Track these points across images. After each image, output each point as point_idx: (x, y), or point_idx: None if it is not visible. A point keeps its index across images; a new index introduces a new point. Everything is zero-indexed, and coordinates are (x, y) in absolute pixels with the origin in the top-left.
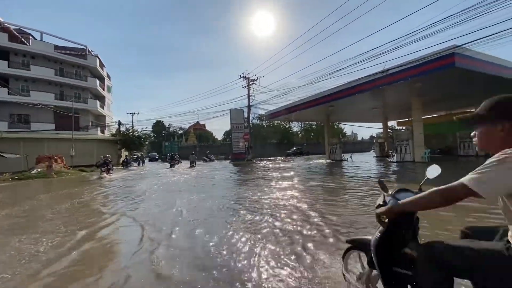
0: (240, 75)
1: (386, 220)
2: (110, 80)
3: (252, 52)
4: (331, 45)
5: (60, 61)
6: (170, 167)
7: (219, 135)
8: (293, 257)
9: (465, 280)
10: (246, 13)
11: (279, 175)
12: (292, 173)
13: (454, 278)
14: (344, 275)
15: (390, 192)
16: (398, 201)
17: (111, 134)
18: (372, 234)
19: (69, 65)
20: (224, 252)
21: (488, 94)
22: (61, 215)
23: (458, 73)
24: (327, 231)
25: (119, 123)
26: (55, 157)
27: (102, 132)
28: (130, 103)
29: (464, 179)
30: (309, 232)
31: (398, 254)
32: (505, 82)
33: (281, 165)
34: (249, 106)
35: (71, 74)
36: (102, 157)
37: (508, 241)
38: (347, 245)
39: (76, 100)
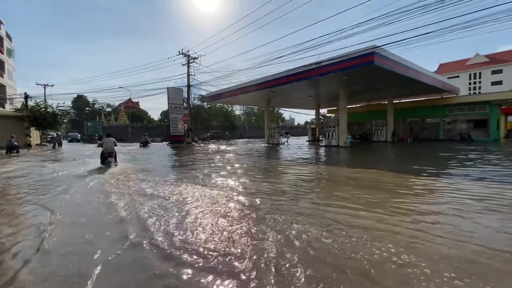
0: (179, 52)
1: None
2: (11, 41)
3: (193, 28)
4: (273, 32)
5: None
6: (98, 146)
7: (155, 115)
8: None
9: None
10: None
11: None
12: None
13: None
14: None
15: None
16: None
17: (14, 109)
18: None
19: None
20: None
21: (398, 90)
22: None
23: (376, 70)
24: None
25: (26, 96)
26: None
27: (2, 106)
28: (42, 73)
29: None
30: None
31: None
32: (411, 81)
33: (222, 147)
34: (189, 86)
35: None
36: None
37: None
38: None
39: None
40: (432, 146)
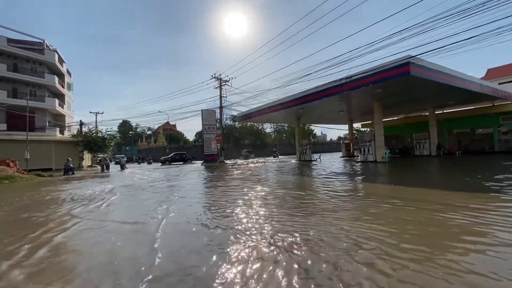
0: (212, 76)
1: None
2: (70, 77)
3: (224, 52)
4: (301, 50)
5: (14, 56)
6: (139, 164)
7: (190, 136)
8: None
9: None
10: (218, 13)
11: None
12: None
13: None
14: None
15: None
16: None
17: (71, 135)
18: None
19: (24, 60)
20: None
21: (440, 100)
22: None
23: (413, 81)
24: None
25: (81, 123)
26: (7, 161)
27: (62, 132)
28: (94, 102)
29: None
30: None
31: None
32: (455, 90)
33: (252, 165)
34: (221, 107)
35: (26, 70)
36: None
37: None
38: None
39: (32, 98)
40: (490, 159)
